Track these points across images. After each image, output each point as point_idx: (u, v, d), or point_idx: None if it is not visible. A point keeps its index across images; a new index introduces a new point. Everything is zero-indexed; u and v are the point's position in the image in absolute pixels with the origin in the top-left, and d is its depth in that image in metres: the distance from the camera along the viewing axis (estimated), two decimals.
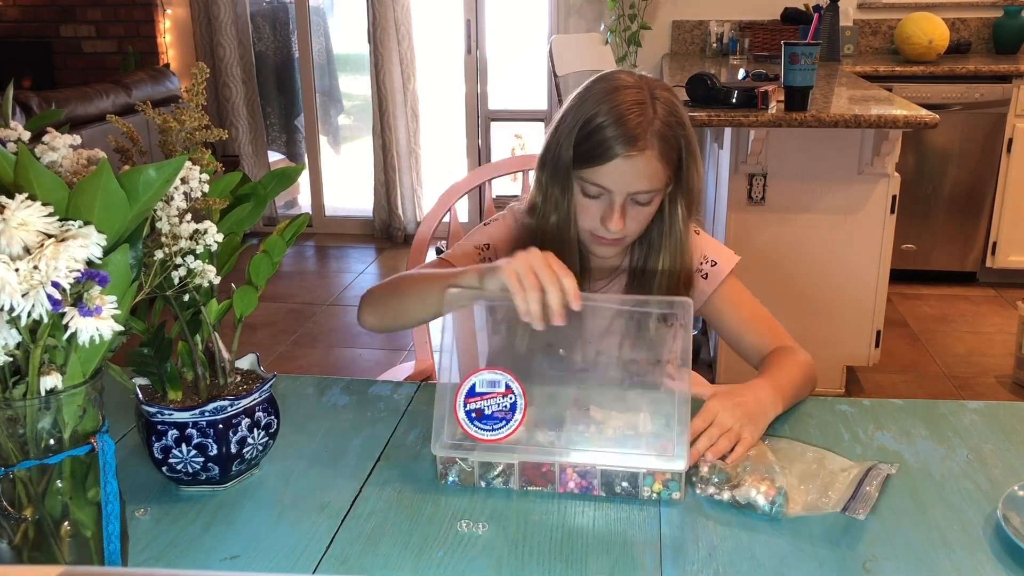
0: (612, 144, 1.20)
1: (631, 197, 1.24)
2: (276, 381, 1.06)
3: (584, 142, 1.23)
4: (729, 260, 1.38)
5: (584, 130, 1.23)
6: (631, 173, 1.22)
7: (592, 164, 1.22)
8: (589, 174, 1.24)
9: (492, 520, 0.98)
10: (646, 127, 1.21)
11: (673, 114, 1.25)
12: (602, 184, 1.23)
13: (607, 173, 1.22)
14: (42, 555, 0.80)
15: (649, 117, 1.22)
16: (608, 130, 1.21)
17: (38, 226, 0.71)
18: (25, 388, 0.76)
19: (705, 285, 1.36)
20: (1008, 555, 0.91)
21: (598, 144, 1.21)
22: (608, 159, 1.21)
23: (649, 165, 1.22)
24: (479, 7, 4.71)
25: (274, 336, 3.66)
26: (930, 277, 4.07)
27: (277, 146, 5.25)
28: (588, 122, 1.23)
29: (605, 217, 1.25)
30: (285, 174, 1.02)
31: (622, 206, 1.24)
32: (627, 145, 1.20)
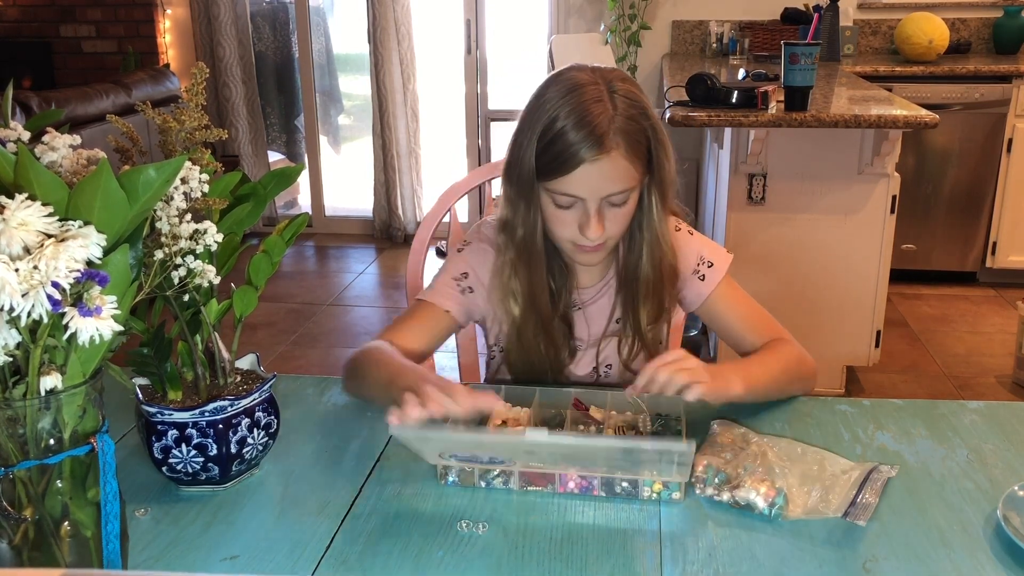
0: (576, 151, 1.15)
1: (606, 200, 1.19)
2: (276, 381, 1.06)
3: (546, 152, 1.17)
4: (724, 260, 1.34)
5: (544, 139, 1.17)
6: (600, 177, 1.17)
7: (559, 174, 1.17)
8: (557, 185, 1.18)
9: (492, 520, 0.98)
10: (607, 126, 1.15)
11: (635, 106, 1.19)
12: (573, 193, 1.18)
13: (575, 181, 1.17)
14: (42, 555, 0.80)
15: (610, 115, 1.16)
16: (570, 135, 1.15)
17: (38, 226, 0.71)
18: (25, 388, 0.76)
19: (702, 287, 1.33)
20: (1008, 555, 0.91)
21: (561, 152, 1.16)
22: (574, 167, 1.15)
23: (617, 166, 1.17)
24: (479, 7, 4.71)
25: (274, 336, 3.66)
26: (930, 277, 4.07)
27: (277, 146, 5.25)
28: (547, 129, 1.17)
29: (583, 225, 1.20)
30: (285, 174, 1.02)
31: (598, 211, 1.19)
32: (592, 149, 1.15)
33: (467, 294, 1.33)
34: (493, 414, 1.15)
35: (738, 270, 1.37)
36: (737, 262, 1.37)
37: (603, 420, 1.14)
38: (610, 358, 1.37)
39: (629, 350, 1.35)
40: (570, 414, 1.16)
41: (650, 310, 1.31)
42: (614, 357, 1.37)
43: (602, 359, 1.37)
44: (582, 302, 1.36)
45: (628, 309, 1.33)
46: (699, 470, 1.03)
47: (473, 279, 1.33)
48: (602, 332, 1.36)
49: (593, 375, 1.38)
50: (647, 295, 1.30)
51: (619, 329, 1.36)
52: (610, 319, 1.36)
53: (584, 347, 1.37)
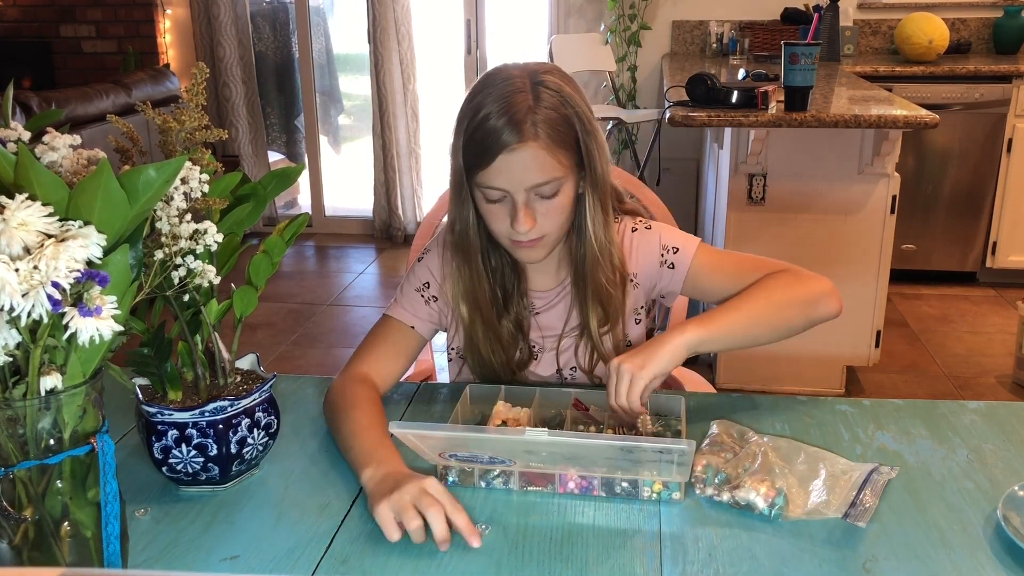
0: (493, 141, 1.14)
1: (533, 192, 1.18)
2: (276, 381, 1.06)
3: (469, 145, 1.17)
4: (691, 242, 1.31)
5: (468, 132, 1.17)
6: (520, 167, 1.15)
7: (481, 166, 1.17)
8: (482, 178, 1.18)
9: (492, 520, 0.98)
10: (525, 116, 1.14)
11: (559, 97, 1.17)
12: (496, 185, 1.18)
13: (496, 172, 1.16)
14: (42, 555, 0.80)
15: (529, 104, 1.15)
16: (491, 122, 1.14)
17: (38, 226, 0.71)
18: (25, 388, 0.76)
19: (675, 274, 1.30)
20: (1008, 555, 0.91)
21: (480, 143, 1.16)
22: (493, 156, 1.15)
23: (537, 155, 1.15)
24: (479, 7, 4.71)
25: (274, 336, 3.66)
26: (930, 277, 4.07)
27: (277, 146, 5.25)
28: (470, 123, 1.17)
29: (513, 219, 1.19)
30: (285, 174, 1.02)
31: (526, 204, 1.18)
32: (509, 137, 1.14)
33: (431, 303, 1.33)
34: (493, 414, 1.15)
35: None
36: None
37: (603, 420, 1.14)
38: (572, 360, 1.36)
39: (589, 357, 1.33)
40: (570, 414, 1.16)
41: (599, 315, 1.29)
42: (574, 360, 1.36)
43: (564, 362, 1.35)
44: (539, 307, 1.34)
45: (581, 314, 1.31)
46: (699, 470, 1.03)
47: (435, 287, 1.33)
48: (558, 336, 1.35)
49: (557, 376, 1.37)
50: (595, 299, 1.28)
51: (576, 335, 1.34)
52: (566, 324, 1.34)
53: (541, 351, 1.35)
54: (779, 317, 1.22)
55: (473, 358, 1.34)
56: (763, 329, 1.20)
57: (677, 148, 4.40)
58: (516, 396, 1.19)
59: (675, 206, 1.42)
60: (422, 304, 1.33)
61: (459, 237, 1.27)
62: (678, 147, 4.41)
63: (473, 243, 1.27)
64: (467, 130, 1.18)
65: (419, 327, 1.32)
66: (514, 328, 1.32)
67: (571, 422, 1.14)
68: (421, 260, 1.36)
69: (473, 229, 1.26)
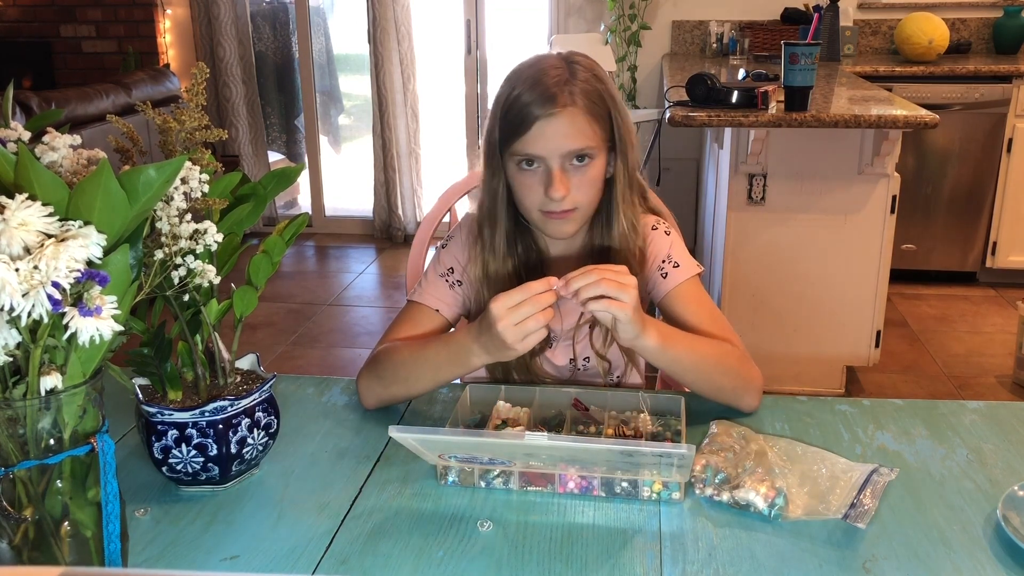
0: (531, 108, 1.19)
1: (567, 160, 1.21)
2: (276, 381, 1.06)
3: (506, 117, 1.22)
4: (692, 267, 1.33)
5: (505, 106, 1.22)
6: (558, 133, 1.20)
7: (519, 134, 1.20)
8: (518, 146, 1.21)
9: (492, 520, 0.98)
10: (563, 86, 1.19)
11: (593, 74, 1.23)
12: (532, 152, 1.21)
13: (534, 138, 1.20)
14: (42, 555, 0.80)
15: (566, 77, 1.20)
16: (525, 96, 1.20)
17: (38, 226, 0.71)
18: (25, 388, 0.76)
19: (662, 284, 1.32)
20: (1008, 555, 0.91)
21: (518, 112, 1.20)
22: (531, 123, 1.19)
23: (575, 121, 1.20)
24: (479, 7, 4.71)
25: (274, 336, 3.66)
26: (930, 277, 4.07)
27: (277, 146, 5.25)
28: (507, 97, 1.22)
29: (547, 187, 1.22)
30: (285, 174, 1.02)
31: (560, 170, 1.21)
32: (546, 105, 1.18)
33: (456, 288, 1.35)
34: (493, 414, 1.15)
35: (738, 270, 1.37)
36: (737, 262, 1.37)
37: (603, 420, 1.14)
38: (587, 350, 1.38)
39: (603, 339, 1.36)
40: (570, 414, 1.16)
41: None
42: (591, 349, 1.38)
43: (579, 351, 1.37)
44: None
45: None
46: (698, 470, 1.03)
47: (459, 272, 1.36)
48: (576, 323, 1.37)
49: (571, 366, 1.38)
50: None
51: (592, 318, 1.35)
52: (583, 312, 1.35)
53: (559, 338, 1.37)
54: (715, 378, 1.21)
55: None
56: (697, 376, 1.20)
57: (677, 148, 4.40)
58: (516, 396, 1.19)
59: (675, 206, 1.43)
60: (447, 289, 1.35)
61: (487, 212, 1.30)
62: (678, 147, 4.41)
63: (500, 216, 1.30)
64: (503, 106, 1.22)
65: (444, 311, 1.34)
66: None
67: (571, 422, 1.14)
68: (445, 247, 1.39)
69: (502, 203, 1.29)
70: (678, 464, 0.97)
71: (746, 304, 2.91)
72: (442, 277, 1.35)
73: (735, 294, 2.90)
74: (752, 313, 2.90)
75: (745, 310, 2.90)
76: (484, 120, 1.27)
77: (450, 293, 1.35)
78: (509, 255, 1.31)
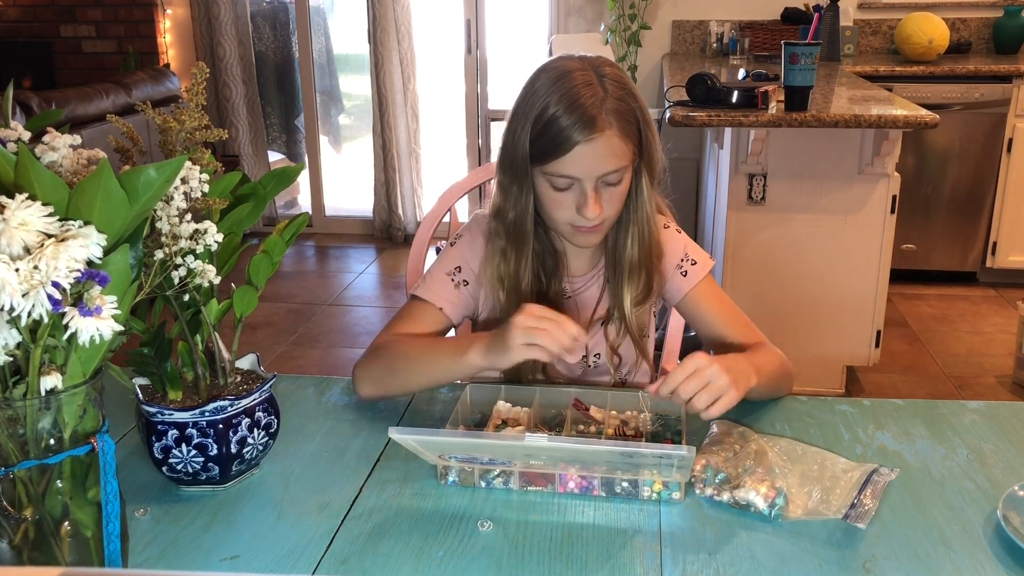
0: (570, 133, 1.18)
1: (601, 180, 1.22)
2: (276, 381, 1.06)
3: (541, 136, 1.21)
4: (707, 262, 1.38)
5: (538, 124, 1.21)
6: (595, 157, 1.20)
7: (555, 156, 1.20)
8: (554, 167, 1.21)
9: (492, 520, 0.98)
10: (600, 107, 1.19)
11: (623, 88, 1.23)
12: (569, 174, 1.21)
13: (571, 162, 1.20)
14: (42, 555, 0.80)
15: (601, 96, 1.20)
16: (563, 119, 1.19)
17: (38, 226, 0.71)
18: (25, 388, 0.76)
19: (683, 282, 1.35)
20: (1008, 555, 0.91)
21: (556, 135, 1.19)
22: (569, 148, 1.19)
23: (611, 144, 1.20)
24: (479, 7, 4.71)
25: (274, 336, 3.66)
26: (930, 277, 4.07)
27: (277, 146, 5.25)
28: (540, 115, 1.20)
29: (581, 206, 1.23)
30: (285, 174, 1.02)
31: (595, 191, 1.22)
32: (585, 130, 1.18)
33: (461, 288, 1.35)
34: (493, 414, 1.15)
35: (738, 270, 1.38)
36: (737, 262, 1.38)
37: (603, 420, 1.14)
38: (599, 346, 1.39)
39: (616, 333, 1.37)
40: (570, 414, 1.16)
41: (635, 291, 1.33)
42: (602, 346, 1.39)
43: (591, 347, 1.39)
44: (573, 290, 1.38)
45: (615, 292, 1.35)
46: (698, 470, 1.03)
47: (467, 272, 1.35)
48: (590, 319, 1.38)
49: (583, 364, 1.39)
50: (632, 275, 1.33)
51: (606, 314, 1.38)
52: (598, 305, 1.38)
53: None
54: (779, 386, 1.26)
55: None
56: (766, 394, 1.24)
57: (677, 148, 4.38)
58: (516, 396, 1.19)
59: (675, 206, 1.44)
60: (451, 288, 1.35)
61: (512, 225, 1.30)
62: (678, 147, 4.38)
63: (529, 231, 1.30)
64: (536, 124, 1.21)
65: (447, 310, 1.34)
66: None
67: (571, 422, 1.14)
68: (454, 245, 1.39)
69: (530, 218, 1.29)
70: (678, 465, 0.97)
71: (746, 304, 2.89)
72: (448, 276, 1.35)
73: (735, 294, 2.90)
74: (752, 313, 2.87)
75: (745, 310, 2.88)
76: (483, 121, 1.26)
77: (455, 293, 1.34)
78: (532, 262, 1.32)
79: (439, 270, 1.36)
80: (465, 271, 1.35)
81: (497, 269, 1.32)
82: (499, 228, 1.31)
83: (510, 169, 1.27)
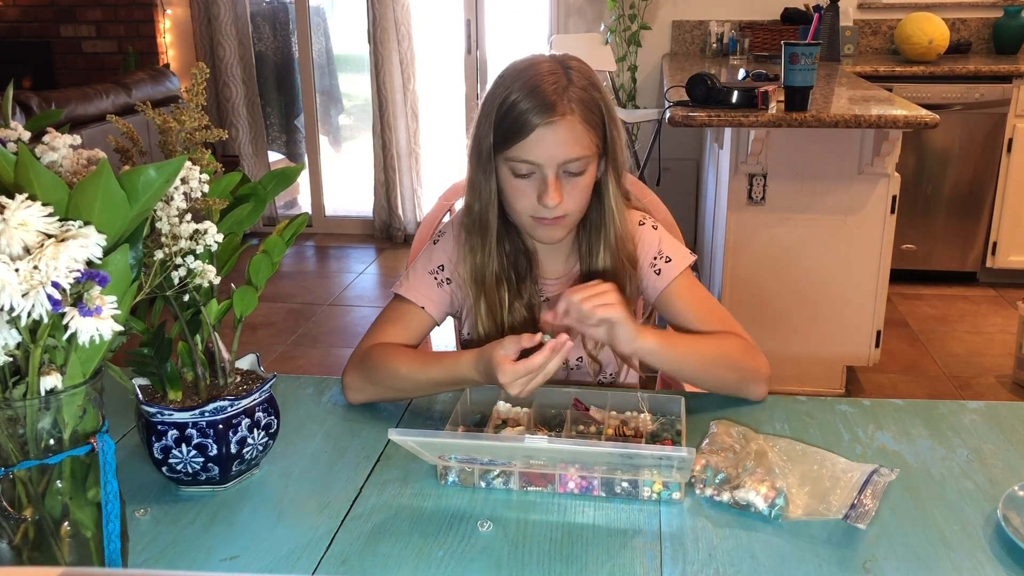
0: (531, 116, 1.18)
1: (563, 168, 1.21)
2: (276, 381, 1.06)
3: (503, 121, 1.21)
4: (684, 258, 1.34)
5: (501, 110, 1.21)
6: (556, 141, 1.19)
7: (515, 140, 1.20)
8: (515, 152, 1.21)
9: (492, 520, 0.98)
10: (562, 93, 1.19)
11: (588, 79, 1.23)
12: (529, 159, 1.20)
13: (532, 146, 1.19)
14: (42, 555, 0.80)
15: (564, 84, 1.20)
16: (524, 103, 1.18)
17: (38, 226, 0.71)
18: (25, 388, 0.76)
19: (658, 281, 1.32)
20: (1008, 555, 0.91)
21: (517, 118, 1.19)
22: (529, 131, 1.18)
23: (574, 130, 1.19)
24: (479, 7, 4.71)
25: (274, 336, 3.66)
26: (930, 277, 4.07)
27: (277, 146, 5.25)
28: (503, 102, 1.20)
29: (541, 194, 1.22)
30: (285, 174, 1.02)
31: (556, 179, 1.21)
32: (546, 112, 1.18)
33: (444, 286, 1.35)
34: (493, 414, 1.15)
35: (738, 270, 1.37)
36: (737, 262, 1.37)
37: (603, 420, 1.14)
38: (578, 350, 1.37)
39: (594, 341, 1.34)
40: (570, 414, 1.16)
41: None
42: (581, 350, 1.38)
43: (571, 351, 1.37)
44: (548, 293, 1.37)
45: None
46: (698, 470, 1.03)
47: (450, 270, 1.35)
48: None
49: (563, 367, 1.37)
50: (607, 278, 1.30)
51: None
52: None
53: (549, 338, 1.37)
54: (719, 373, 1.23)
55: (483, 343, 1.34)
56: (700, 374, 1.23)
57: (677, 148, 4.40)
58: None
59: (675, 206, 1.43)
60: (434, 286, 1.34)
61: (477, 216, 1.30)
62: (678, 147, 4.40)
63: (491, 222, 1.29)
64: (499, 108, 1.21)
65: (429, 308, 1.33)
66: (526, 313, 1.34)
67: (571, 422, 1.14)
68: (436, 243, 1.38)
69: (493, 208, 1.28)
70: (678, 465, 0.97)
71: (746, 304, 2.91)
72: (431, 274, 1.35)
73: (735, 294, 2.90)
74: (752, 313, 2.90)
75: (745, 310, 2.89)
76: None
77: (437, 291, 1.34)
78: (498, 255, 1.31)
79: (422, 268, 1.36)
80: (447, 269, 1.35)
81: (468, 266, 1.32)
82: (467, 222, 1.32)
83: (476, 159, 1.27)
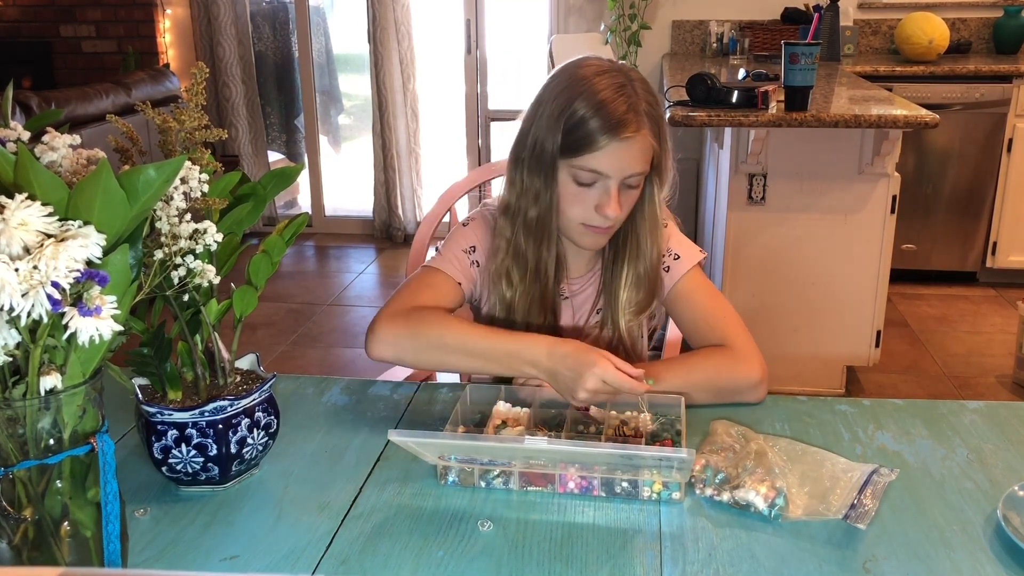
0: (608, 129, 1.19)
1: (625, 181, 1.23)
2: (276, 381, 1.06)
3: (573, 132, 1.21)
4: (693, 256, 1.35)
5: (570, 120, 1.21)
6: (628, 155, 1.21)
7: (585, 151, 1.21)
8: (583, 161, 1.22)
9: (492, 520, 0.98)
10: (636, 108, 1.21)
11: (651, 93, 1.25)
12: (598, 169, 1.22)
13: (603, 157, 1.21)
14: (42, 555, 0.80)
15: (635, 99, 1.22)
16: (599, 117, 1.19)
17: (38, 226, 0.71)
18: (25, 388, 0.76)
19: (666, 279, 1.34)
20: (1008, 555, 0.91)
21: (592, 132, 1.20)
22: (603, 144, 1.20)
23: (644, 146, 1.22)
24: (479, 7, 4.71)
25: (274, 336, 3.66)
26: (930, 277, 4.07)
27: (277, 146, 5.25)
28: (573, 112, 1.21)
29: (602, 204, 1.23)
30: (284, 174, 1.02)
31: (618, 190, 1.23)
32: (622, 128, 1.19)
33: (474, 267, 1.36)
34: (493, 414, 1.15)
35: (738, 270, 1.37)
36: (737, 262, 1.37)
37: (602, 420, 1.14)
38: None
39: (608, 341, 1.36)
40: (570, 414, 1.16)
41: (633, 301, 1.33)
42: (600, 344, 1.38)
43: None
44: (571, 292, 1.38)
45: (612, 297, 1.35)
46: (698, 470, 1.03)
47: (479, 254, 1.36)
48: (585, 321, 1.39)
49: None
50: (639, 283, 1.32)
51: (600, 319, 1.38)
52: (592, 309, 1.39)
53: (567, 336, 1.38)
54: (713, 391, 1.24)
55: None
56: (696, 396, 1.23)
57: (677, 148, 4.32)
58: (516, 396, 1.19)
59: (675, 206, 1.43)
60: (468, 264, 1.35)
61: (537, 222, 1.29)
62: (678, 147, 4.36)
63: (554, 229, 1.29)
64: (569, 118, 1.21)
65: (464, 284, 1.34)
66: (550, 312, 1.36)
67: (571, 422, 1.14)
68: (467, 225, 1.38)
69: (554, 212, 1.28)
70: (678, 466, 0.98)
71: (746, 304, 2.90)
72: (464, 253, 1.35)
73: (735, 294, 2.90)
74: (752, 313, 2.90)
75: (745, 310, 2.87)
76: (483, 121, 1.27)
77: (469, 270, 1.35)
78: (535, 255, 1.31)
79: (456, 246, 1.35)
80: (478, 251, 1.36)
81: (501, 265, 1.31)
82: (508, 224, 1.30)
83: (533, 164, 1.26)
